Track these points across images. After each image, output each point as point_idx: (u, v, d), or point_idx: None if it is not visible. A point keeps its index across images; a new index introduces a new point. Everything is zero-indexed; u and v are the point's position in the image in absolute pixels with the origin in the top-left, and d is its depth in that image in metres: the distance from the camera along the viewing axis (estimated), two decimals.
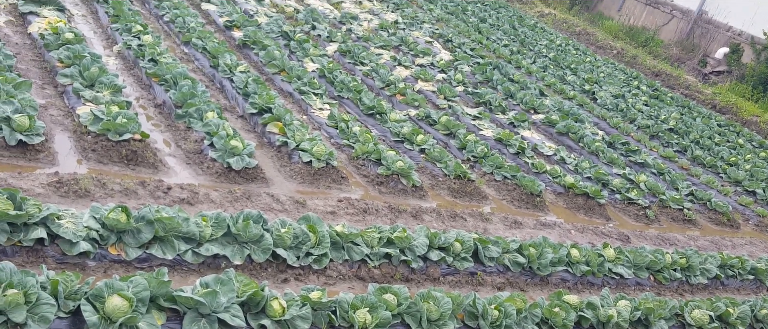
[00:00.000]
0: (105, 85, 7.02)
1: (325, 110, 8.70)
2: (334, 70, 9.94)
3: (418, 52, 12.67)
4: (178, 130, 7.07)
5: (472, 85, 12.12)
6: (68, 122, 6.52)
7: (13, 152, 5.70)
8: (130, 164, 6.14)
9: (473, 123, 10.12)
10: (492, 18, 18.96)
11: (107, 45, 8.75)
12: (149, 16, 10.20)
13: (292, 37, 10.88)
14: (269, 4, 12.68)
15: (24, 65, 7.37)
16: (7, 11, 8.59)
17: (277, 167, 7.07)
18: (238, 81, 8.37)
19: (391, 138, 8.67)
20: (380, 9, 14.98)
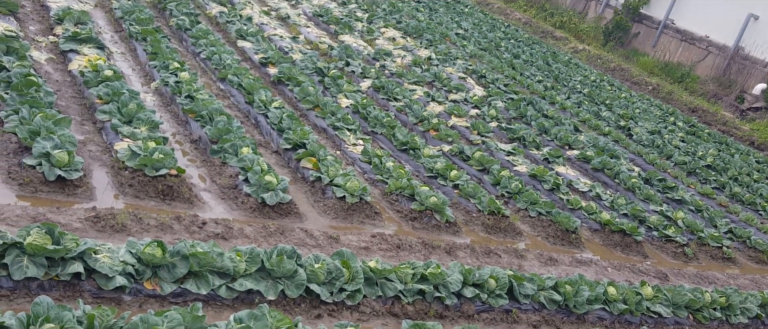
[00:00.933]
0: (142, 121, 7.12)
1: (359, 146, 8.72)
2: (368, 106, 9.99)
3: (451, 88, 12.69)
4: (214, 165, 7.13)
5: (506, 120, 12.08)
6: (106, 157, 6.61)
7: (52, 188, 5.78)
8: (166, 199, 6.20)
9: (507, 159, 10.07)
10: (525, 54, 18.95)
11: (145, 82, 8.90)
12: (186, 53, 10.36)
13: (326, 74, 10.97)
14: (304, 41, 12.82)
15: (64, 102, 7.51)
16: (48, 49, 8.79)
17: (311, 203, 7.08)
18: (273, 117, 8.44)
19: (424, 174, 8.65)
20: (414, 45, 15.06)
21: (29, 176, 5.78)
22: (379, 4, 18.45)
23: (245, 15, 12.89)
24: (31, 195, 5.67)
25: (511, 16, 24.75)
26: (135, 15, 10.40)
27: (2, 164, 5.93)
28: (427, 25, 17.69)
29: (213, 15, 12.48)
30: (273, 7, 14.61)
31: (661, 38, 22.99)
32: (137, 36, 9.83)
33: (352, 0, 17.63)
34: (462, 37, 18.23)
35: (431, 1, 22.23)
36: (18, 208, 5.33)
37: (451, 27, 19.18)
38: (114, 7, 10.85)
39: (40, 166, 5.84)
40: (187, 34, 10.81)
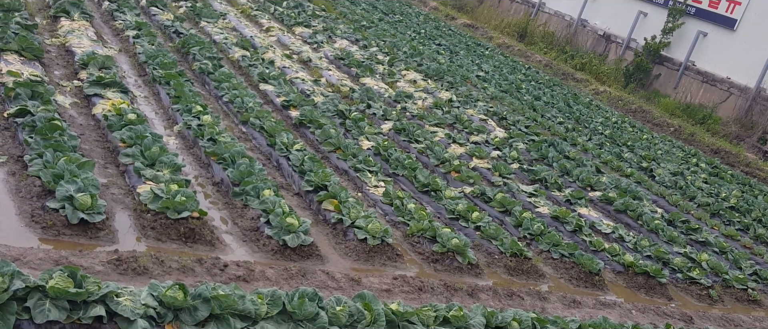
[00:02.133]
0: (165, 164, 7.17)
1: (380, 188, 8.71)
2: (389, 148, 10.00)
3: (472, 130, 12.69)
4: (235, 207, 7.14)
5: (528, 162, 12.04)
6: (129, 200, 6.65)
7: (75, 231, 5.81)
8: (187, 242, 6.20)
9: (529, 200, 10.01)
10: (546, 96, 18.95)
11: (168, 125, 8.98)
12: (209, 96, 10.47)
13: (347, 116, 11.01)
14: (325, 83, 12.92)
15: (88, 145, 7.58)
16: (72, 93, 8.91)
17: (333, 245, 7.06)
18: (295, 159, 8.46)
19: (446, 215, 8.61)
20: (435, 88, 15.12)
21: (52, 219, 5.81)
22: (400, 47, 18.58)
23: (267, 58, 13.03)
24: (53, 238, 5.70)
25: (532, 58, 24.83)
26: (158, 59, 10.54)
27: (26, 208, 5.98)
28: (447, 67, 17.78)
29: (235, 59, 12.63)
30: (295, 50, 14.76)
31: (682, 80, 22.93)
32: (160, 80, 9.95)
33: (374, 43, 17.79)
34: (483, 80, 18.29)
35: (452, 44, 22.37)
36: (41, 251, 5.35)
37: (472, 69, 19.25)
38: (138, 51, 11.01)
39: (63, 209, 5.88)
40: (210, 77, 10.93)
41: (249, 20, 16.47)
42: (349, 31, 18.31)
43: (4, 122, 7.45)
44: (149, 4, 14.38)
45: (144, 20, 12.75)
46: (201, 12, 14.99)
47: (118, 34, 12.08)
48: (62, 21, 11.34)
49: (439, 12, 28.95)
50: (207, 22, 14.58)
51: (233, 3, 17.76)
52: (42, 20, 11.38)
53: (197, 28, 14.15)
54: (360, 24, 20.24)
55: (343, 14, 20.87)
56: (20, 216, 5.87)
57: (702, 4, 22.99)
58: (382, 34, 19.82)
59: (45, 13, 11.82)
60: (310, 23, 17.76)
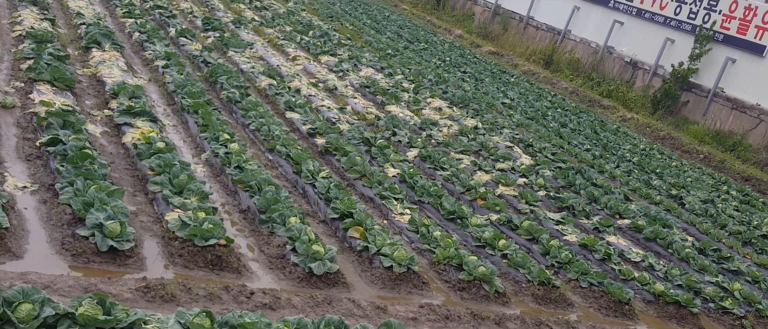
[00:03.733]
0: (193, 191, 7.23)
1: (406, 215, 8.70)
2: (415, 175, 10.00)
3: (498, 157, 12.66)
4: (262, 235, 7.17)
5: (554, 189, 11.96)
6: (157, 227, 6.70)
7: (104, 258, 5.87)
8: (214, 269, 6.24)
9: (556, 228, 9.93)
10: (573, 123, 18.87)
11: (196, 153, 9.07)
12: (236, 125, 10.56)
13: (373, 143, 11.05)
14: (351, 111, 12.98)
15: (117, 174, 7.68)
16: (103, 122, 9.04)
17: (358, 272, 7.05)
18: (320, 187, 8.49)
19: (472, 243, 8.57)
20: (460, 115, 15.13)
21: (82, 247, 5.88)
22: (426, 75, 18.65)
23: (294, 87, 13.13)
24: (83, 266, 5.76)
25: (558, 85, 24.77)
26: (187, 88, 10.67)
27: (56, 235, 6.05)
28: (473, 95, 17.79)
29: (262, 87, 12.74)
30: (321, 79, 14.87)
31: (711, 107, 22.72)
32: (189, 109, 10.06)
33: (399, 71, 17.87)
34: (508, 107, 18.27)
35: (477, 71, 22.40)
36: (71, 278, 5.41)
37: (497, 96, 19.25)
38: (167, 81, 11.16)
39: (92, 237, 5.95)
40: (237, 106, 11.03)
41: (276, 49, 16.64)
42: (375, 60, 18.42)
43: (37, 150, 7.58)
44: (178, 34, 14.60)
45: (173, 50, 12.93)
46: (229, 42, 15.18)
47: (147, 64, 12.26)
48: (93, 51, 11.54)
49: (464, 40, 29.04)
50: (234, 51, 14.75)
51: (260, 33, 17.97)
52: (74, 51, 11.59)
53: (225, 58, 14.32)
54: (385, 52, 20.36)
55: (369, 43, 21.02)
56: (51, 244, 5.95)
57: (730, 30, 22.83)
58: (408, 62, 19.91)
59: (77, 43, 12.04)
60: (336, 52, 17.89)
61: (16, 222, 6.06)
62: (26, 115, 8.43)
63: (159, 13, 16.18)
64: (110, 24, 13.96)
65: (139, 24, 14.11)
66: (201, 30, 16.19)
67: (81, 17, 13.23)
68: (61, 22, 13.01)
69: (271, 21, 19.84)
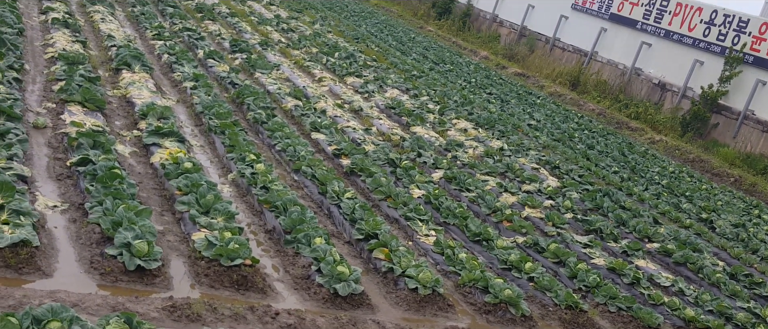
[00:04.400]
0: (219, 211, 7.27)
1: (431, 237, 8.67)
2: (440, 197, 9.97)
3: (524, 179, 12.59)
4: (287, 255, 7.18)
5: (582, 212, 11.86)
6: (184, 247, 6.75)
7: (132, 277, 5.91)
8: (240, 289, 6.25)
9: (584, 251, 9.84)
10: (600, 145, 18.74)
11: (222, 173, 9.13)
12: (262, 145, 10.62)
13: (398, 165, 11.05)
14: (376, 132, 13.01)
15: (145, 193, 7.75)
16: (132, 143, 9.15)
17: (383, 294, 7.03)
18: (346, 207, 8.50)
19: (498, 266, 8.51)
20: (485, 136, 15.09)
21: (110, 266, 5.93)
22: (451, 96, 18.65)
23: (319, 108, 13.20)
24: (111, 285, 5.81)
25: (585, 107, 24.65)
26: (214, 109, 10.77)
27: (85, 254, 6.11)
28: (498, 116, 17.76)
29: (288, 108, 12.83)
30: (346, 100, 14.94)
31: (741, 129, 22.46)
32: (216, 129, 10.15)
33: (424, 92, 17.90)
34: (534, 128, 18.20)
35: (503, 92, 22.37)
36: (99, 297, 5.46)
37: (523, 118, 19.19)
38: (195, 102, 11.27)
39: (120, 256, 6.00)
40: (263, 127, 11.10)
41: (302, 71, 16.76)
42: (400, 81, 18.47)
43: (67, 170, 7.68)
44: (206, 56, 14.76)
45: (201, 72, 13.07)
46: (256, 63, 15.32)
47: (176, 85, 12.40)
48: (124, 73, 11.70)
49: (490, 61, 29.03)
50: (261, 73, 14.87)
51: (287, 54, 18.11)
52: (104, 72, 11.76)
53: (252, 79, 14.45)
54: (411, 73, 20.41)
55: (394, 64, 21.09)
56: (80, 262, 6.01)
57: (760, 52, 22.61)
58: (433, 83, 19.94)
59: (107, 65, 12.22)
60: (362, 73, 17.97)
61: (47, 241, 6.14)
62: (57, 135, 8.56)
63: (188, 35, 16.38)
64: (140, 46, 14.15)
65: (169, 46, 14.29)
66: (229, 52, 16.36)
67: (112, 39, 13.43)
68: (92, 45, 13.22)
69: (297, 43, 20.00)
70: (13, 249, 5.65)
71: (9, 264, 5.56)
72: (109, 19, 15.25)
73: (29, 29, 12.90)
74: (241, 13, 22.18)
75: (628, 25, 27.05)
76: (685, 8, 25.07)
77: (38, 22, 13.69)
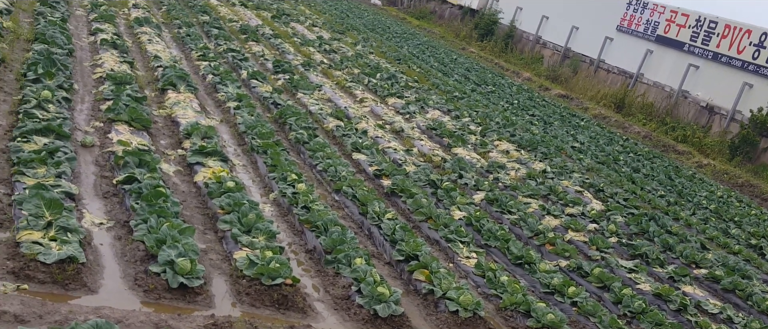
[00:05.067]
0: (261, 231, 7.31)
1: (472, 259, 8.60)
2: (481, 219, 9.90)
3: (567, 202, 12.44)
4: (327, 275, 7.18)
5: (627, 236, 11.67)
6: (225, 266, 6.79)
7: (174, 295, 5.96)
8: (280, 309, 6.26)
9: (629, 276, 9.66)
10: (646, 168, 18.45)
11: (264, 193, 9.19)
12: (304, 165, 10.68)
13: (439, 186, 11.01)
14: (417, 153, 12.99)
15: (189, 212, 7.83)
16: (176, 162, 9.27)
17: (423, 316, 6.98)
18: (386, 228, 8.48)
19: (540, 289, 8.40)
20: (528, 158, 14.97)
21: (154, 283, 5.99)
22: (493, 117, 18.57)
23: (361, 128, 13.24)
24: (154, 302, 5.86)
25: (630, 129, 24.33)
26: (257, 129, 10.87)
27: (130, 271, 6.19)
28: (541, 138, 17.61)
29: (330, 128, 12.89)
30: (388, 120, 14.96)
31: None
32: (258, 149, 10.24)
33: (466, 114, 17.85)
34: (578, 151, 18.01)
35: (546, 114, 22.21)
36: (142, 314, 5.51)
37: (567, 140, 19.01)
38: (238, 122, 11.39)
39: (164, 273, 6.06)
40: (305, 147, 11.17)
41: (344, 91, 16.85)
42: (442, 102, 18.45)
43: (113, 188, 7.81)
44: (250, 76, 14.93)
45: (244, 92, 13.22)
46: (298, 84, 15.44)
47: (220, 105, 12.56)
48: (169, 93, 11.89)
49: (533, 83, 28.87)
50: (303, 93, 14.99)
51: (329, 75, 18.23)
52: (151, 92, 11.96)
53: (294, 100, 14.56)
54: (452, 95, 20.38)
55: (436, 85, 21.10)
56: (124, 279, 6.08)
57: None
58: (475, 104, 19.88)
59: (153, 85, 12.43)
60: (403, 94, 18.00)
61: (92, 258, 6.23)
62: (104, 154, 8.71)
63: (232, 56, 16.60)
64: (185, 66, 14.37)
65: (213, 67, 14.49)
66: (271, 72, 16.52)
67: (158, 60, 13.67)
68: (139, 65, 13.46)
69: (339, 63, 20.13)
70: (60, 265, 5.74)
71: (56, 280, 5.65)
72: (155, 40, 15.53)
73: (79, 50, 13.19)
74: (284, 34, 22.43)
75: (674, 47, 26.70)
76: (733, 30, 24.66)
77: (87, 43, 14.00)
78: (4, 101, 9.43)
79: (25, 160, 7.35)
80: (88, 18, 16.11)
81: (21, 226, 6.12)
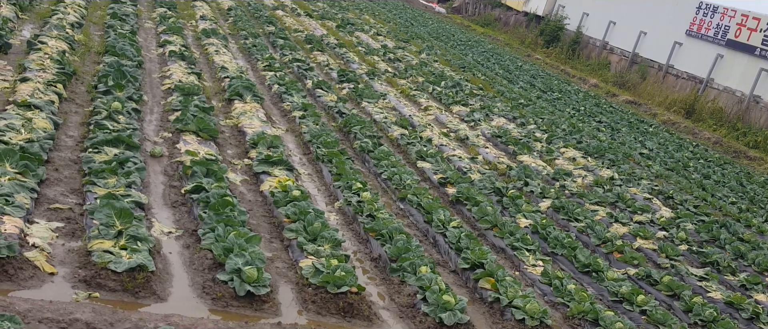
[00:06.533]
0: (326, 239, 7.37)
1: (539, 267, 8.50)
2: (548, 227, 9.78)
3: (636, 209, 12.19)
4: (392, 283, 7.19)
5: (697, 244, 11.36)
6: (291, 274, 6.86)
7: (241, 303, 6.05)
8: (346, 317, 6.30)
9: (699, 284, 9.40)
10: (716, 174, 17.94)
11: (329, 201, 9.26)
12: (368, 174, 10.73)
13: (504, 193, 10.92)
14: (482, 161, 12.91)
15: (255, 220, 7.95)
16: (243, 171, 9.42)
17: (489, 324, 6.92)
18: (451, 236, 8.45)
19: (608, 298, 8.24)
20: (595, 165, 14.73)
21: (221, 291, 6.09)
22: (559, 124, 18.34)
23: (425, 137, 13.23)
24: (222, 310, 5.97)
25: (700, 135, 23.71)
26: (322, 138, 10.97)
27: (198, 280, 6.31)
28: (608, 144, 17.30)
29: (394, 137, 12.92)
30: (452, 128, 14.92)
31: None
32: (323, 158, 10.33)
33: (531, 121, 17.67)
34: (646, 157, 17.63)
35: (613, 121, 21.82)
36: (210, 322, 5.61)
37: (635, 147, 18.63)
38: (303, 131, 11.52)
39: (231, 281, 6.16)
40: (370, 155, 11.22)
41: (408, 100, 16.88)
42: (507, 109, 18.31)
43: (182, 197, 7.98)
44: (315, 86, 15.09)
45: (310, 101, 13.37)
46: (362, 93, 15.54)
47: (285, 114, 12.72)
48: (235, 103, 12.11)
49: (600, 89, 28.40)
50: (368, 102, 15.07)
51: (393, 84, 18.29)
52: (217, 103, 12.20)
53: (359, 109, 14.65)
54: (517, 102, 20.21)
55: (501, 92, 20.95)
56: (192, 287, 6.21)
57: None
58: (540, 111, 19.67)
59: (220, 96, 12.68)
60: (468, 102, 17.93)
61: (162, 266, 6.37)
62: (173, 163, 8.91)
63: (297, 66, 16.82)
64: (251, 77, 14.62)
65: (279, 77, 14.70)
66: (336, 82, 16.67)
67: (225, 71, 13.94)
68: (206, 76, 13.75)
69: (403, 72, 20.18)
70: (131, 274, 5.89)
71: (126, 288, 5.80)
72: (222, 52, 15.85)
73: (148, 62, 13.56)
74: (349, 43, 22.60)
75: (746, 51, 25.91)
76: None
77: (156, 54, 14.37)
78: (75, 113, 9.76)
79: (96, 170, 7.58)
80: (156, 30, 16.55)
81: (92, 235, 6.31)
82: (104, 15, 16.20)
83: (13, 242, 5.73)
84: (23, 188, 6.75)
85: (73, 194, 7.34)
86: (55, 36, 12.46)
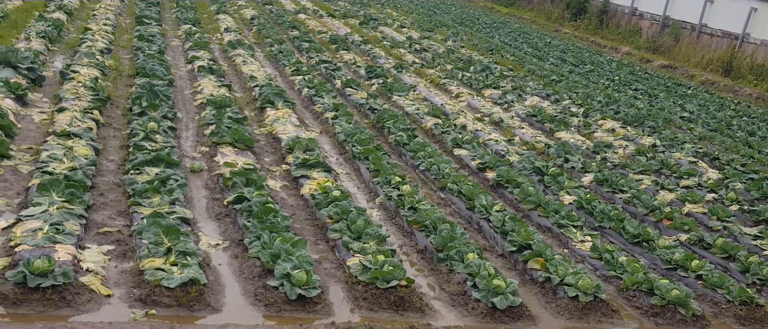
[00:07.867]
0: (370, 236, 7.38)
1: (587, 242, 8.41)
2: (593, 201, 9.66)
3: (681, 174, 11.99)
4: (441, 273, 7.18)
5: (748, 202, 11.13)
6: (340, 273, 6.89)
7: (294, 306, 6.10)
8: (398, 310, 6.30)
9: (754, 243, 9.21)
10: (762, 130, 17.57)
11: (370, 198, 9.27)
12: (406, 167, 10.71)
13: (545, 172, 10.82)
14: (519, 142, 12.81)
15: (298, 224, 8.00)
16: (281, 177, 9.48)
17: (542, 304, 6.87)
18: (495, 220, 8.40)
19: (661, 266, 8.12)
20: (635, 134, 14.52)
21: (273, 297, 6.15)
22: (594, 97, 18.12)
23: (459, 124, 13.18)
24: (275, 315, 6.02)
25: (740, 92, 23.22)
26: (356, 136, 10.99)
27: (249, 288, 6.37)
28: (647, 112, 17.04)
29: (428, 127, 12.89)
30: (485, 113, 14.83)
31: None
32: (359, 156, 10.34)
33: (566, 96, 17.49)
34: (688, 120, 17.32)
35: (649, 87, 21.49)
36: (266, 328, 5.67)
37: (675, 111, 18.33)
38: (337, 131, 11.55)
39: (281, 287, 6.21)
40: (405, 148, 11.21)
41: (438, 89, 16.82)
42: (539, 88, 18.15)
43: (225, 209, 8.06)
44: (344, 85, 15.12)
45: (340, 101, 13.40)
46: (392, 87, 15.52)
47: (317, 117, 12.77)
48: (268, 111, 12.19)
49: (633, 56, 27.99)
50: (398, 95, 15.05)
51: (422, 74, 18.25)
52: (250, 112, 12.29)
53: (390, 103, 14.64)
54: (550, 79, 20.01)
55: (532, 71, 20.77)
56: (245, 296, 6.27)
57: None
58: (574, 86, 19.45)
59: (252, 105, 12.77)
60: (499, 84, 17.81)
61: (213, 278, 6.45)
62: (213, 177, 9.01)
63: (324, 67, 16.87)
64: (281, 83, 14.70)
65: (307, 80, 14.76)
66: (365, 78, 16.68)
67: (254, 80, 14.04)
68: (236, 87, 13.87)
69: (431, 62, 20.11)
70: (183, 288, 5.97)
71: (181, 303, 5.87)
72: (250, 61, 15.96)
73: (178, 79, 13.71)
74: (374, 39, 22.60)
75: None
76: None
77: (186, 71, 14.54)
78: (114, 137, 9.91)
79: (139, 191, 7.70)
80: (183, 47, 16.74)
81: (143, 254, 6.41)
82: (131, 38, 16.43)
83: (68, 268, 5.85)
84: (72, 215, 6.88)
85: (119, 216, 7.46)
86: (86, 64, 12.68)
